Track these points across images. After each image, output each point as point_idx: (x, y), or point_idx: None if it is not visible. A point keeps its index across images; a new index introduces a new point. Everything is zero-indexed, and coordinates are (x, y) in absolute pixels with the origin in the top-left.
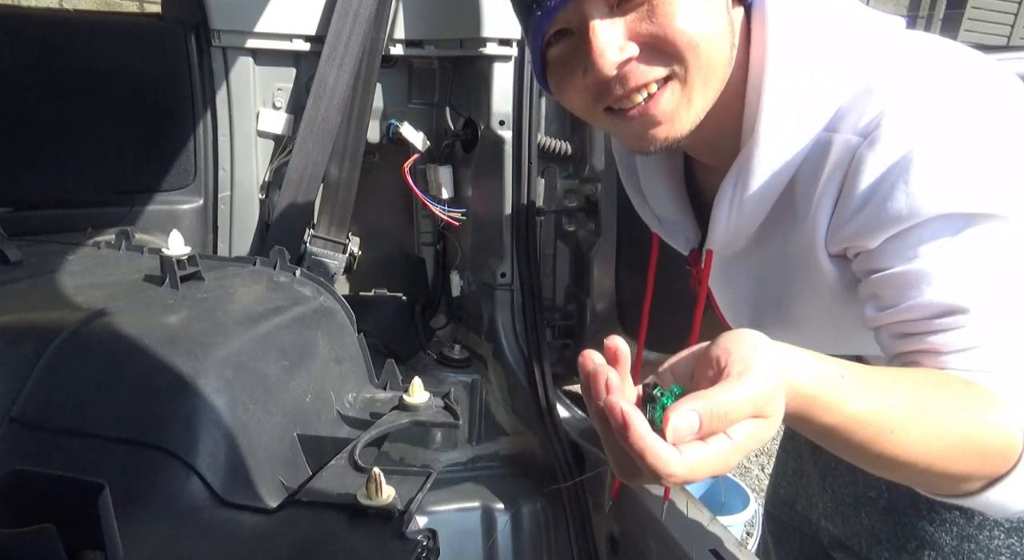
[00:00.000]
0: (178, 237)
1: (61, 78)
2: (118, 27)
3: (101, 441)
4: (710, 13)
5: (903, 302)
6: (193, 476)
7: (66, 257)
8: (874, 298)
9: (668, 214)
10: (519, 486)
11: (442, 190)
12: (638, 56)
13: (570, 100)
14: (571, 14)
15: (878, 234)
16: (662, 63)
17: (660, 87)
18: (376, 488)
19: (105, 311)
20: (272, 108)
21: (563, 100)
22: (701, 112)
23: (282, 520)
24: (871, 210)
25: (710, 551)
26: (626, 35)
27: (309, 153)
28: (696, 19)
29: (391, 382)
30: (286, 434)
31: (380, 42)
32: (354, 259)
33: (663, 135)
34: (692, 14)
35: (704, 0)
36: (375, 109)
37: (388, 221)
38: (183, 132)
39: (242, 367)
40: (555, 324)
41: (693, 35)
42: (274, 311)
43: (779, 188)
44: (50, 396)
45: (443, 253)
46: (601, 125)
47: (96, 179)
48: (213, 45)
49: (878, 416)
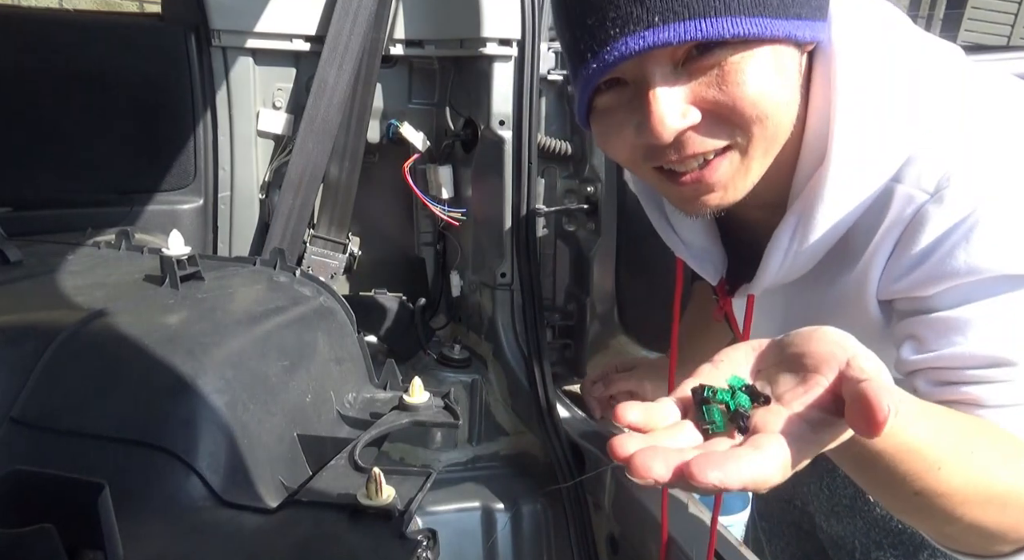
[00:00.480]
0: (178, 237)
1: (61, 78)
2: (118, 27)
3: (101, 441)
4: (784, 79)
5: (946, 347)
6: (193, 476)
7: (66, 257)
8: (913, 339)
9: (697, 242)
10: (519, 486)
11: (442, 190)
12: (699, 124)
13: (616, 153)
14: (630, 67)
15: (933, 287)
16: (725, 134)
17: (718, 155)
18: (376, 488)
19: (105, 311)
20: (272, 108)
21: (608, 151)
22: (757, 178)
23: (282, 520)
24: (930, 266)
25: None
26: (689, 99)
27: (309, 153)
28: (770, 89)
29: (391, 382)
30: (286, 434)
31: (380, 42)
32: (354, 259)
33: (715, 202)
34: (766, 83)
35: (779, 64)
36: (375, 109)
37: (388, 221)
38: (183, 132)
39: (242, 367)
40: (555, 324)
41: (764, 108)
42: (274, 311)
43: (837, 238)
44: (50, 396)
45: (443, 253)
46: (647, 180)
47: (96, 179)
48: (213, 45)
49: (930, 449)
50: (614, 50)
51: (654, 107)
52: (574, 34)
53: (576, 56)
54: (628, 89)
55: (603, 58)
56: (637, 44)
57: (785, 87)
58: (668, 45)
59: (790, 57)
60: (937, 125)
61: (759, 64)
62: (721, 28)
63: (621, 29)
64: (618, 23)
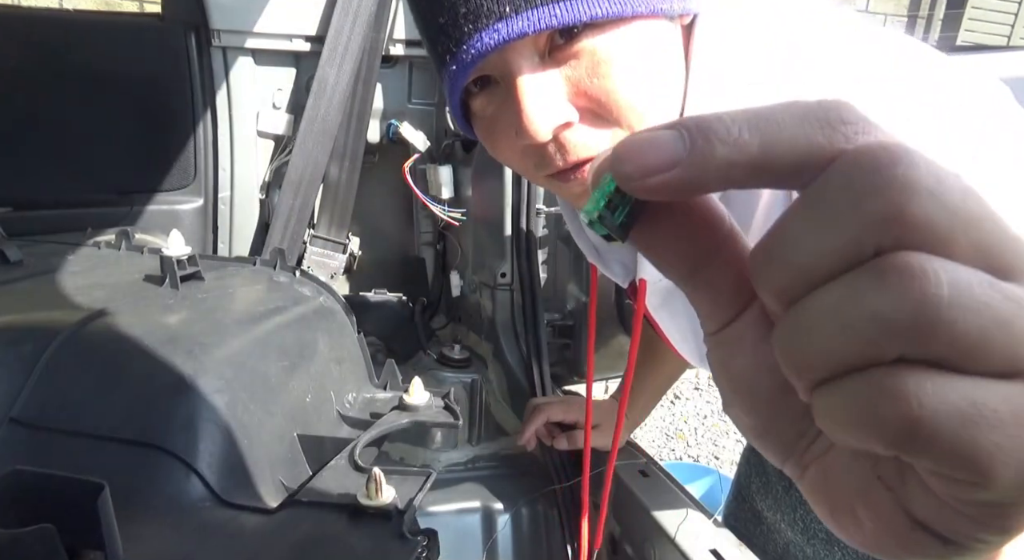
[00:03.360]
0: (178, 237)
1: (61, 78)
2: (118, 27)
3: (101, 441)
4: (661, 56)
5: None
6: (193, 476)
7: (66, 257)
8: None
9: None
10: (519, 486)
11: (442, 190)
12: (580, 120)
13: (507, 162)
14: (493, 63)
15: None
16: (607, 128)
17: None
18: (376, 488)
19: (105, 311)
20: (272, 108)
21: (499, 160)
22: None
23: (282, 520)
24: None
25: (710, 551)
26: (564, 90)
27: (309, 153)
28: (643, 73)
29: (391, 382)
30: (286, 434)
31: (380, 42)
32: (354, 259)
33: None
34: (638, 68)
35: (653, 41)
36: (375, 109)
37: (388, 221)
38: (183, 132)
39: (242, 367)
40: (555, 324)
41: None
42: (274, 311)
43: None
44: (50, 396)
45: (443, 253)
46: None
47: (96, 179)
48: (213, 45)
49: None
50: (471, 48)
51: (523, 104)
52: (429, 35)
53: (436, 59)
54: (500, 88)
55: (461, 58)
56: (492, 39)
57: (663, 66)
58: (524, 35)
59: (665, 31)
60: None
61: (629, 46)
62: (578, 12)
63: (474, 24)
64: (470, 18)
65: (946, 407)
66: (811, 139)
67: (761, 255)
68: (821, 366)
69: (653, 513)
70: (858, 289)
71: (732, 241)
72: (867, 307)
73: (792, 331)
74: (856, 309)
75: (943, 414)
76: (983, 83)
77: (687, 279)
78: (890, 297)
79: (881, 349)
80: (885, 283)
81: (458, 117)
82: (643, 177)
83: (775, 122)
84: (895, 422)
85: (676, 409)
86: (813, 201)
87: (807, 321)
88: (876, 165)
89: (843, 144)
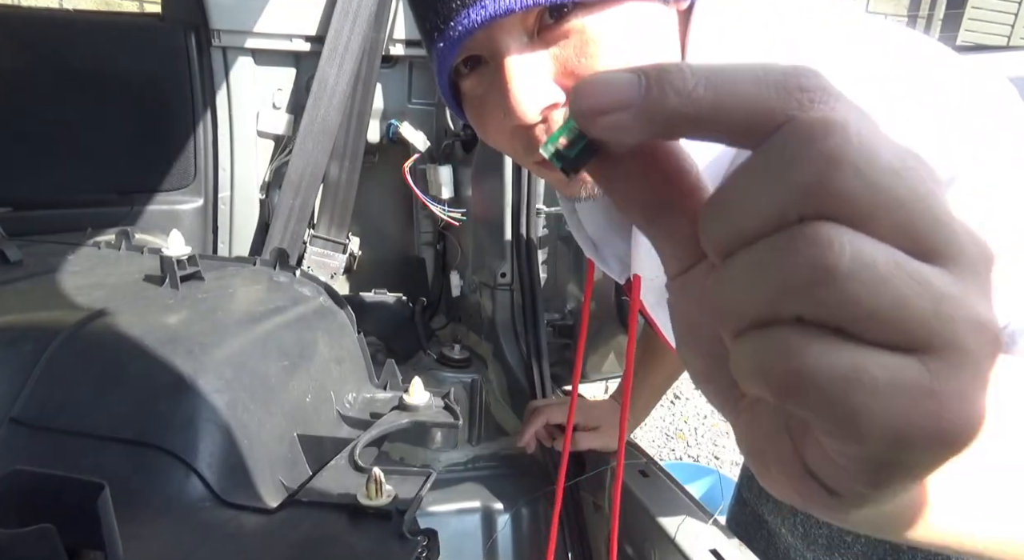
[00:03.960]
0: (178, 237)
1: (61, 78)
2: (118, 27)
3: (101, 441)
4: (653, 38)
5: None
6: (193, 476)
7: (66, 257)
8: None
9: (599, 234)
10: (519, 486)
11: (442, 190)
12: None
13: (497, 144)
14: (481, 41)
15: None
16: None
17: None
18: (376, 488)
19: (105, 311)
20: (272, 108)
21: (489, 143)
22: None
23: (282, 520)
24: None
25: (710, 551)
26: (553, 70)
27: (309, 153)
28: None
29: (391, 382)
30: (286, 434)
31: (380, 42)
32: (354, 259)
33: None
34: (628, 50)
35: (643, 23)
36: (375, 109)
37: (388, 221)
38: (183, 132)
39: (242, 367)
40: (555, 324)
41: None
42: (274, 311)
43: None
44: (50, 396)
45: (443, 253)
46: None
47: (96, 179)
48: (213, 45)
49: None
50: (458, 24)
51: (510, 84)
52: (420, 13)
53: (425, 36)
54: (489, 68)
55: (448, 35)
56: (479, 15)
57: (654, 48)
58: (511, 13)
59: (658, 14)
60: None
61: (619, 26)
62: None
63: (462, 0)
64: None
65: (828, 367)
66: (764, 102)
67: (708, 209)
68: (736, 318)
69: (653, 513)
70: (774, 251)
71: (697, 192)
72: (775, 268)
73: (717, 283)
74: (766, 269)
75: (824, 373)
76: (985, 82)
77: (648, 223)
78: (794, 261)
79: (780, 308)
80: (793, 248)
81: (448, 98)
82: (594, 116)
83: (733, 81)
84: (778, 375)
85: (676, 409)
86: (755, 163)
87: (730, 275)
88: (811, 135)
89: (795, 110)
